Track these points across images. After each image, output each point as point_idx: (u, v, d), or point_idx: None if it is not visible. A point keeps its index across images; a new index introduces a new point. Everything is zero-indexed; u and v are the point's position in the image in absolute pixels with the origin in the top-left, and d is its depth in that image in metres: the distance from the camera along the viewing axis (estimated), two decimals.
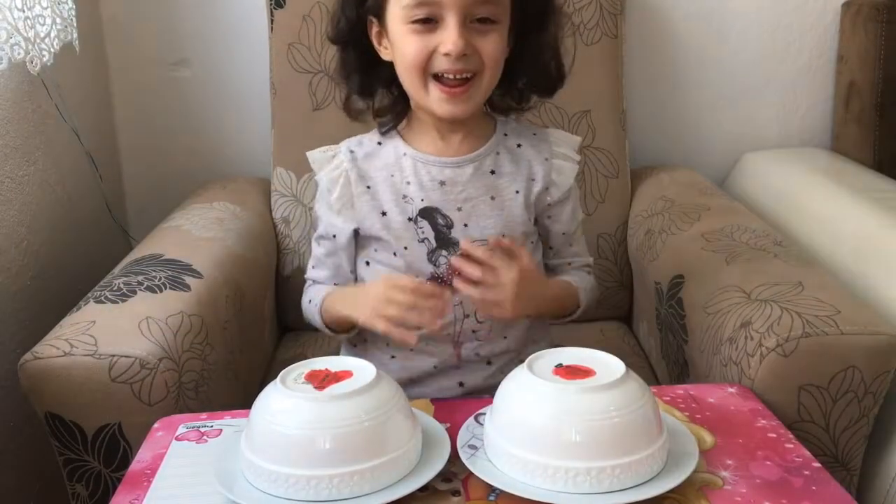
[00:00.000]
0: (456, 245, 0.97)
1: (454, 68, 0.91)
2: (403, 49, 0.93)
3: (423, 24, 0.91)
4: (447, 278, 0.97)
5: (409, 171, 0.99)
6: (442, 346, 1.01)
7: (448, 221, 0.98)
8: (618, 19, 1.49)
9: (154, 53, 1.63)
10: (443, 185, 0.99)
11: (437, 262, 0.99)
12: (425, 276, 0.98)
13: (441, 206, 0.98)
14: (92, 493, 0.99)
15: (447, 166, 0.99)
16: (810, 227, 1.35)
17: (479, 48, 0.91)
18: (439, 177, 0.99)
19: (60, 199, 1.38)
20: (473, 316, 1.00)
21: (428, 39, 0.91)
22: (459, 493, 0.77)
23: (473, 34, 0.91)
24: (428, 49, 0.91)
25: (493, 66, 0.93)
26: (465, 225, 0.99)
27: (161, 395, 0.95)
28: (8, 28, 1.10)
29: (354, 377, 0.79)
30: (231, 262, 1.25)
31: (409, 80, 0.95)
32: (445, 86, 0.93)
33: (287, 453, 0.74)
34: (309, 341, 1.44)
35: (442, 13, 0.90)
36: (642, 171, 1.58)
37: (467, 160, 1.00)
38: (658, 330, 1.28)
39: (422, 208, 0.98)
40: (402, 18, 0.91)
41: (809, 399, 0.96)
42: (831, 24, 1.64)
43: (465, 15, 0.90)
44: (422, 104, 0.97)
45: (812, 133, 1.70)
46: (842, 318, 0.96)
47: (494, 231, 0.98)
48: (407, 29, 0.91)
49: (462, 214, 0.99)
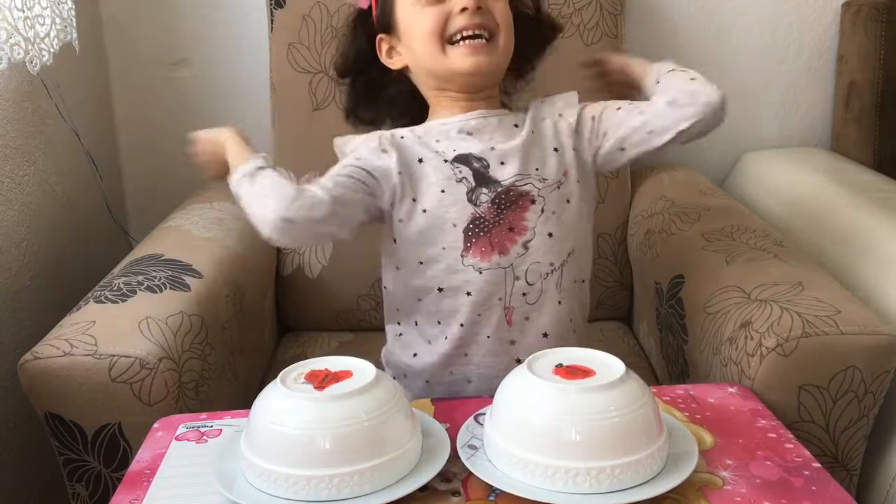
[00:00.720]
0: (496, 183, 0.96)
1: (472, 23, 0.95)
2: (420, 23, 0.96)
3: None
4: (488, 217, 0.96)
5: (437, 133, 1.00)
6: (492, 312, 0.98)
7: (484, 162, 0.97)
8: (618, 19, 1.49)
9: (154, 53, 1.63)
10: (470, 135, 0.99)
11: (477, 201, 0.97)
12: (465, 219, 0.96)
13: (473, 151, 0.98)
14: (92, 493, 0.99)
15: (472, 119, 1.00)
16: (810, 227, 1.35)
17: (492, 7, 0.96)
18: (466, 128, 1.00)
19: (60, 199, 1.38)
20: (524, 278, 0.97)
21: (442, 7, 0.96)
22: (459, 493, 0.77)
23: None
24: (444, 13, 0.96)
25: (506, 28, 0.98)
26: (501, 163, 0.97)
27: (161, 395, 0.95)
28: (8, 28, 1.10)
29: (354, 377, 0.78)
30: (231, 262, 1.25)
31: (427, 51, 0.97)
32: (465, 41, 0.96)
33: (287, 453, 0.74)
34: (309, 341, 1.44)
35: None
36: (642, 171, 1.58)
37: (492, 114, 1.01)
38: (658, 330, 1.28)
39: (456, 155, 0.98)
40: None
41: (809, 399, 0.96)
42: (831, 24, 1.64)
43: None
44: (442, 71, 0.98)
45: (812, 133, 1.70)
46: (842, 318, 0.96)
47: (536, 165, 0.98)
48: (420, 5, 0.96)
49: (497, 153, 0.98)
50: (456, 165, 0.97)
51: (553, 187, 0.98)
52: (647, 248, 1.37)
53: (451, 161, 0.97)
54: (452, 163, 0.97)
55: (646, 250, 1.37)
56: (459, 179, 0.97)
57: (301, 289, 1.45)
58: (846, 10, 1.60)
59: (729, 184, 1.66)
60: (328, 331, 1.46)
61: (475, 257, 0.96)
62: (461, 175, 0.97)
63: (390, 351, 1.07)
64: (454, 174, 0.97)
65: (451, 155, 0.98)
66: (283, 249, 1.47)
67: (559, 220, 0.98)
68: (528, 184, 0.97)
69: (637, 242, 1.43)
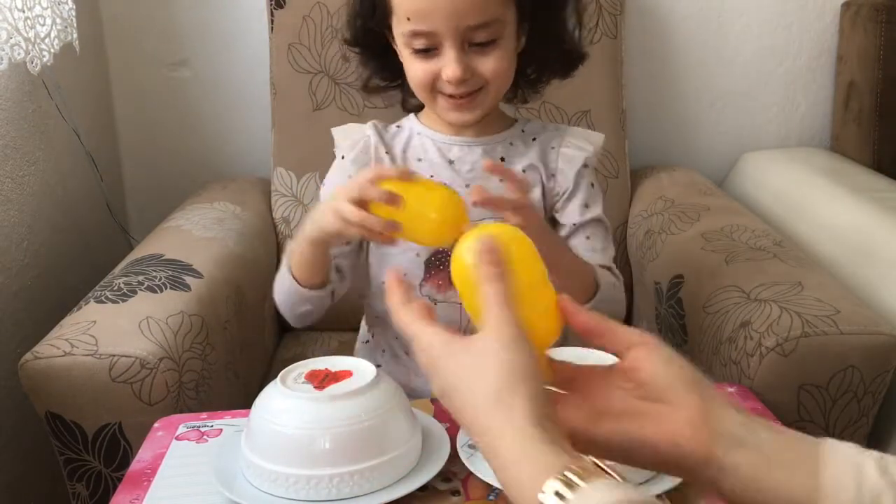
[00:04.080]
0: None
1: (457, 91, 0.92)
2: (409, 71, 0.94)
3: (423, 52, 0.91)
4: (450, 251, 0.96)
5: (421, 149, 1.01)
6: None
7: None
8: (618, 19, 1.49)
9: (154, 54, 1.63)
10: (451, 164, 0.99)
11: None
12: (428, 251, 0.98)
13: (450, 182, 0.98)
14: (92, 492, 0.99)
15: (456, 144, 1.00)
16: (809, 227, 1.35)
17: (481, 69, 0.91)
18: (448, 155, 1.00)
19: (60, 199, 1.38)
20: None
21: (431, 64, 0.91)
22: (459, 492, 0.77)
23: (473, 56, 0.90)
24: (432, 72, 0.91)
25: (497, 80, 0.93)
26: (473, 203, 0.98)
27: (161, 394, 0.95)
28: (8, 28, 1.11)
29: (354, 377, 0.79)
30: (231, 262, 1.25)
31: (417, 91, 0.96)
32: (452, 98, 0.93)
33: (287, 453, 0.74)
34: (309, 341, 1.44)
35: (440, 41, 0.90)
36: (642, 171, 1.58)
37: (478, 143, 1.00)
38: (658, 330, 1.28)
39: None
40: (405, 44, 0.92)
41: (809, 399, 0.96)
42: (831, 24, 1.64)
43: (462, 41, 0.90)
44: (432, 109, 0.98)
45: (811, 133, 1.71)
46: (841, 317, 0.97)
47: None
48: (410, 54, 0.92)
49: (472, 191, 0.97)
50: None
51: None
52: (646, 248, 1.37)
53: None
54: None
55: (646, 250, 1.37)
56: None
57: None
58: (846, 11, 1.60)
59: (728, 184, 1.66)
60: (328, 331, 1.46)
61: (432, 289, 0.99)
62: None
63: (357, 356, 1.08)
64: None
65: None
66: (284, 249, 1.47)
67: None
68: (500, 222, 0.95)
69: (637, 242, 1.43)
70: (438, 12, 0.87)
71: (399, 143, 1.02)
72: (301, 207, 1.47)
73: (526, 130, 1.02)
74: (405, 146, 1.01)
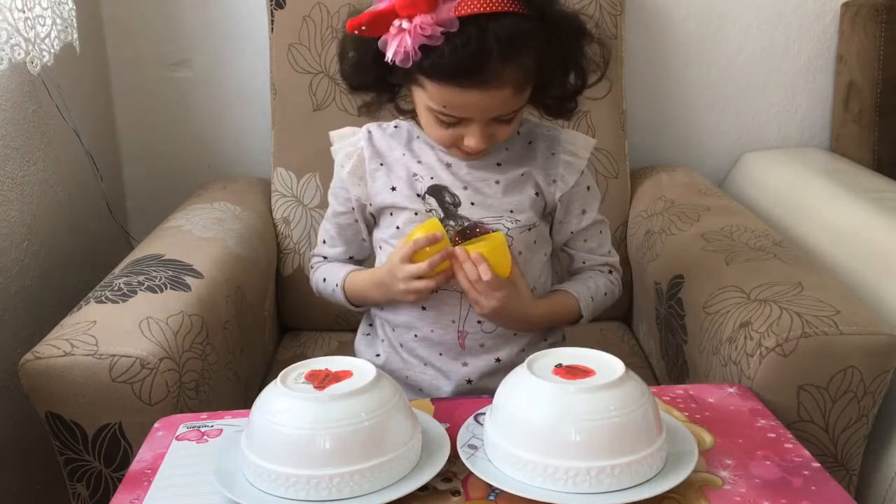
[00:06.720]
0: (464, 218, 0.99)
1: (475, 153, 0.97)
2: (428, 129, 0.98)
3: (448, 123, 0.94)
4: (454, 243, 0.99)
5: (419, 153, 1.03)
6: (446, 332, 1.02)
7: (455, 200, 1.00)
8: (618, 19, 1.49)
9: (155, 54, 1.63)
10: (449, 167, 1.01)
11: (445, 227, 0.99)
12: None
13: (448, 184, 1.00)
14: (92, 492, 0.99)
15: None
16: (809, 227, 1.35)
17: (498, 135, 0.96)
18: (445, 159, 1.01)
19: (61, 199, 1.38)
20: None
21: (453, 131, 0.95)
22: (459, 492, 0.77)
23: (493, 125, 0.95)
24: (452, 138, 0.96)
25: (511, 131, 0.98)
26: (471, 203, 1.00)
27: (161, 394, 0.95)
28: (8, 29, 1.11)
29: (354, 377, 0.79)
30: (231, 262, 1.25)
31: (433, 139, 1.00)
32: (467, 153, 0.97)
33: (287, 453, 0.74)
34: (309, 341, 1.44)
35: (467, 120, 0.93)
36: (642, 172, 1.58)
37: None
38: (658, 330, 1.28)
39: (430, 186, 1.00)
40: (428, 110, 0.94)
41: (809, 399, 0.96)
42: (831, 24, 1.64)
43: (488, 120, 0.94)
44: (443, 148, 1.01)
45: (811, 133, 1.71)
46: (841, 318, 0.97)
47: (502, 211, 0.99)
48: (433, 119, 0.95)
49: (469, 193, 1.00)
50: (428, 198, 1.00)
51: (524, 229, 1.00)
52: (646, 249, 1.37)
53: (424, 194, 1.00)
54: (425, 196, 1.00)
55: (646, 250, 1.37)
56: (429, 210, 1.00)
57: (301, 289, 1.45)
58: (845, 11, 1.60)
59: (728, 184, 1.66)
60: (328, 331, 1.47)
61: None
62: (430, 207, 1.00)
63: (358, 348, 1.11)
64: (424, 207, 1.00)
65: (428, 183, 1.00)
66: (284, 249, 1.47)
67: (525, 260, 1.01)
68: (500, 223, 0.99)
69: (637, 243, 1.43)
70: (473, 107, 0.91)
71: (395, 147, 1.03)
72: (301, 207, 1.47)
73: (521, 133, 1.04)
74: (403, 150, 1.03)
